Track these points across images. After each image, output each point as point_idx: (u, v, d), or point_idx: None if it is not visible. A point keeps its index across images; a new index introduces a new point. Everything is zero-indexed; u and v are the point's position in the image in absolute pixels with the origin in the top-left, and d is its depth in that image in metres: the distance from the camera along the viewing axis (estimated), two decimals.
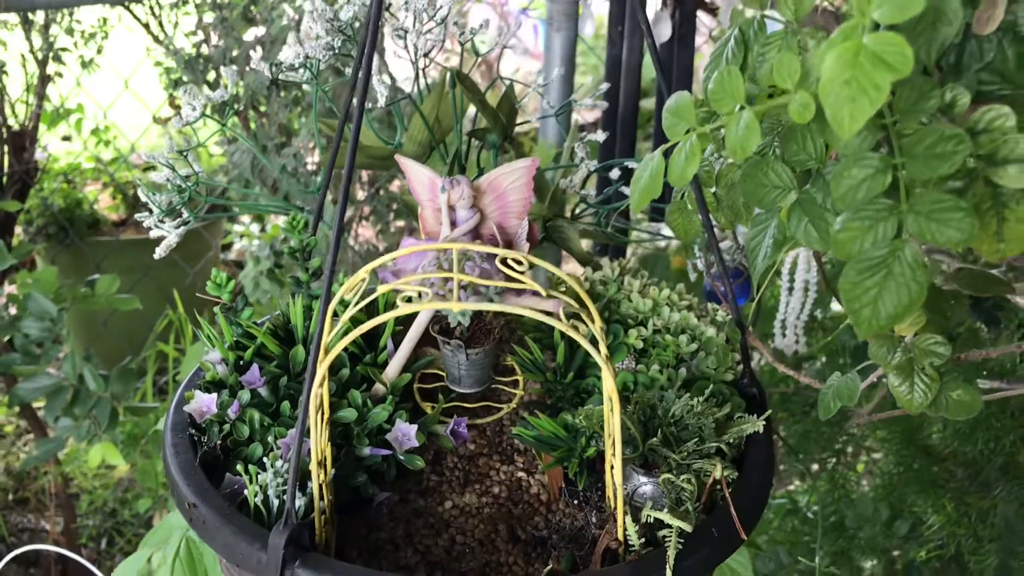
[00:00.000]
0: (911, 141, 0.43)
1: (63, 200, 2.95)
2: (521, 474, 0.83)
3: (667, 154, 0.52)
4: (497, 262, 0.64)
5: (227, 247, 3.50)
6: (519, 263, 0.64)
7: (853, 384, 0.63)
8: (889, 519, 1.64)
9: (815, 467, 1.75)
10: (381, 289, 0.63)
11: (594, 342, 0.64)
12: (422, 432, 0.78)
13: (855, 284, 0.44)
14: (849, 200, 0.44)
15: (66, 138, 3.27)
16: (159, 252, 0.97)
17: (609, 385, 0.62)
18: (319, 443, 0.68)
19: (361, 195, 2.43)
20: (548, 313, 0.79)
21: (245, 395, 0.78)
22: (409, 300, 0.63)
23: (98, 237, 2.94)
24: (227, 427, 0.77)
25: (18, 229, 2.73)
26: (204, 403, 0.76)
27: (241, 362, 0.82)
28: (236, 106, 2.52)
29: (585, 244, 1.17)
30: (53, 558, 2.53)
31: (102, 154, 3.19)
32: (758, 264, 0.53)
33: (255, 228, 3.17)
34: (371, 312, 0.86)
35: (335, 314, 0.65)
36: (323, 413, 0.70)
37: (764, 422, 0.75)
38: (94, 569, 1.91)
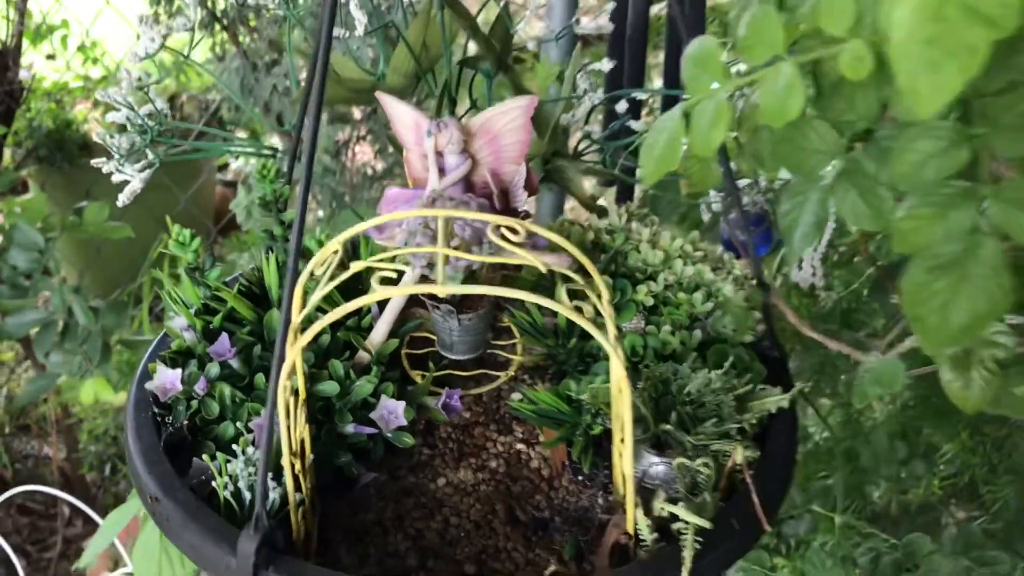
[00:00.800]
0: (996, 107, 0.34)
1: (52, 121, 2.85)
2: (520, 446, 0.76)
3: (688, 114, 0.43)
4: (489, 231, 0.55)
5: (223, 167, 3.40)
6: (514, 232, 0.56)
7: (894, 369, 0.56)
8: (907, 457, 1.58)
9: (826, 401, 1.69)
10: (355, 267, 0.55)
11: (600, 325, 0.55)
12: (411, 407, 0.71)
13: (921, 286, 0.35)
14: (913, 180, 0.36)
15: (50, 56, 3.14)
16: (123, 199, 0.88)
17: (618, 373, 0.54)
18: (294, 431, 0.61)
19: (358, 114, 2.32)
20: (550, 297, 0.71)
21: (214, 368, 0.71)
22: (389, 281, 0.55)
23: (90, 159, 2.84)
24: (195, 404, 0.70)
25: (7, 152, 2.64)
26: (167, 379, 0.69)
27: (210, 327, 0.74)
28: (224, 21, 2.39)
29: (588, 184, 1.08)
30: (58, 484, 2.51)
31: (90, 72, 3.07)
32: (795, 242, 0.45)
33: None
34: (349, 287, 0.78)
35: (305, 291, 0.57)
36: (298, 396, 0.62)
37: (790, 397, 0.68)
38: (90, 511, 1.87)
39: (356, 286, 0.81)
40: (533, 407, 0.71)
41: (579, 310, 0.54)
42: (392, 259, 0.56)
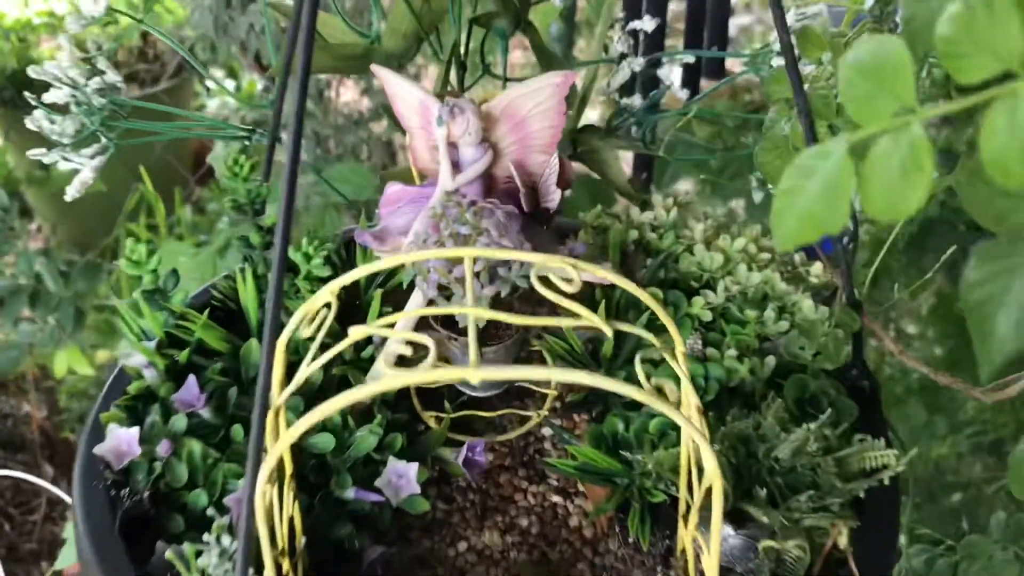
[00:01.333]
0: None
1: (16, 60, 2.66)
2: (556, 498, 0.63)
3: (859, 154, 0.29)
4: (533, 278, 0.41)
5: (201, 108, 3.21)
6: (568, 280, 0.42)
7: None
8: (927, 421, 1.48)
9: None
10: (356, 333, 0.41)
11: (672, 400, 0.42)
12: (425, 465, 0.57)
13: None
14: None
15: None
16: (71, 192, 0.74)
17: (711, 468, 0.40)
18: (281, 522, 0.47)
19: None
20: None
21: (180, 421, 0.57)
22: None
23: None
24: (159, 466, 0.56)
25: None
26: (123, 441, 0.55)
27: (176, 364, 0.61)
28: None
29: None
30: (39, 443, 2.39)
31: (54, 7, 2.87)
32: (999, 333, 0.31)
33: (230, 84, 2.89)
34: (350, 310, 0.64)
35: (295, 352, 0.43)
36: (283, 471, 0.49)
37: (895, 454, 0.54)
38: (60, 492, 1.75)
39: (354, 302, 0.68)
40: (574, 463, 0.58)
41: (660, 392, 0.41)
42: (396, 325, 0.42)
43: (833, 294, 0.69)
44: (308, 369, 0.40)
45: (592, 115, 1.22)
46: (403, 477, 0.56)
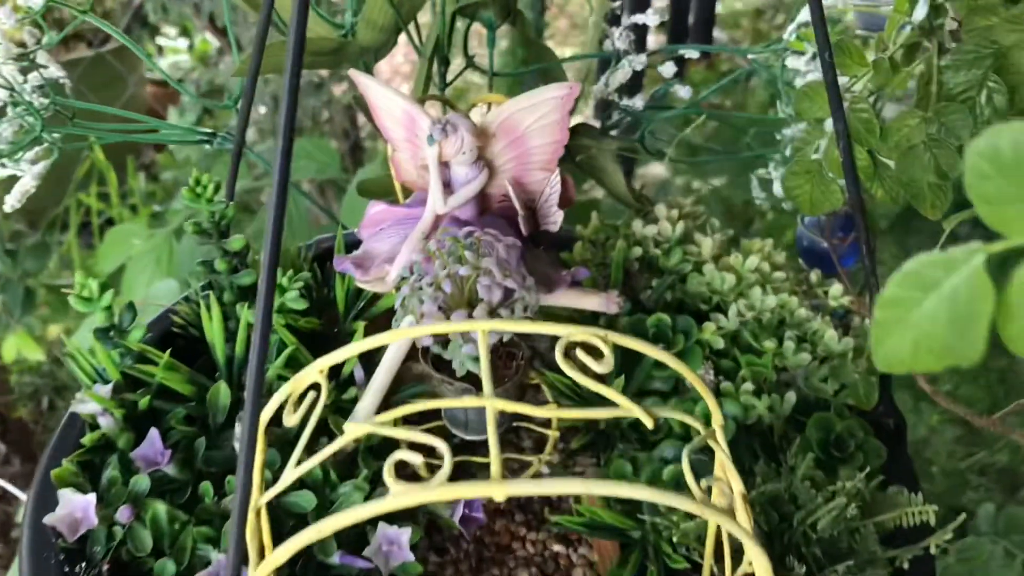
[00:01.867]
0: None
1: None
2: (558, 547, 0.58)
3: (1001, 269, 0.23)
4: (558, 355, 0.35)
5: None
6: (598, 355, 0.36)
7: None
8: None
9: None
10: (353, 432, 0.35)
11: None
12: (418, 526, 0.52)
13: None
14: None
15: None
16: (10, 203, 0.66)
17: (761, 565, 0.35)
18: None
19: None
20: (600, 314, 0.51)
21: (142, 482, 0.51)
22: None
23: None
24: (119, 532, 0.50)
25: None
26: (76, 508, 0.49)
27: (136, 406, 0.54)
28: None
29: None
30: None
31: None
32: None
33: (182, 43, 2.77)
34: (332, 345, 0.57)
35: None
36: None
37: (934, 509, 0.50)
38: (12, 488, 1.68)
39: (331, 330, 0.61)
40: (580, 520, 0.53)
41: (710, 501, 0.35)
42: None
43: (847, 313, 0.64)
44: (296, 472, 0.34)
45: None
46: (394, 543, 0.50)
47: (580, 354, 0.36)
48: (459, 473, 0.59)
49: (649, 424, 0.35)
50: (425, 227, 0.55)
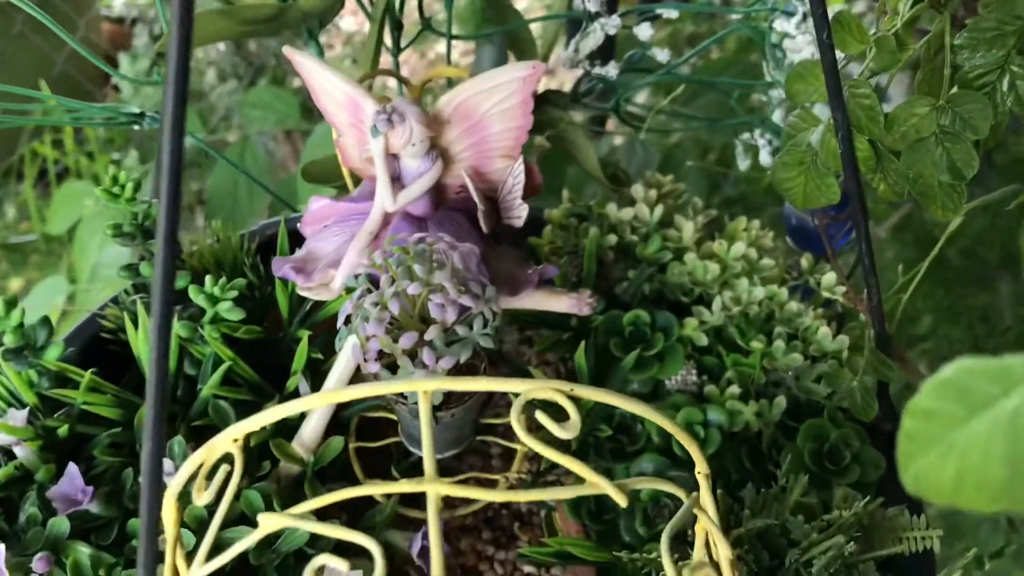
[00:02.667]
0: None
1: None
2: (529, 569, 0.53)
3: None
4: (515, 426, 0.30)
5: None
6: (563, 420, 0.30)
7: None
8: None
9: None
10: (267, 524, 0.29)
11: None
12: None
13: None
14: None
15: None
16: None
17: None
18: None
19: None
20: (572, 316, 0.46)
21: (61, 525, 0.45)
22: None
23: None
24: None
25: None
26: None
27: (55, 433, 0.49)
28: None
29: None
30: None
31: None
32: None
33: None
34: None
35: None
36: None
37: (938, 535, 0.45)
38: None
39: (276, 335, 0.56)
40: (548, 551, 0.48)
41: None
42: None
43: (841, 315, 0.59)
44: (204, 571, 0.29)
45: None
46: None
47: (542, 416, 0.31)
48: (416, 497, 0.54)
49: (622, 503, 0.30)
50: (373, 226, 0.49)
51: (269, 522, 0.28)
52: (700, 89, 0.88)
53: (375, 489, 0.29)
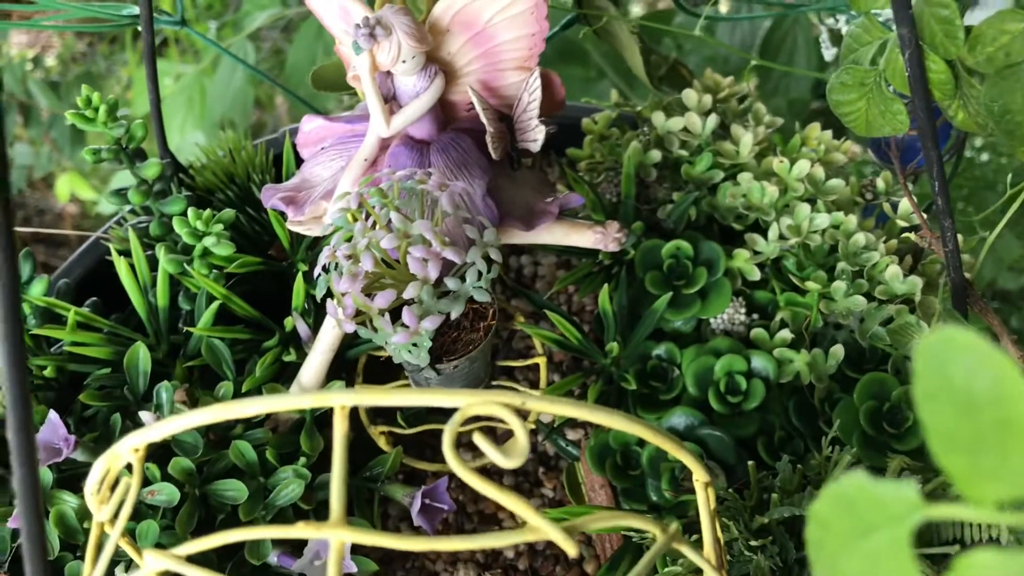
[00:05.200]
0: None
1: None
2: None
3: None
4: (447, 454, 0.24)
5: None
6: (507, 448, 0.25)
7: None
8: None
9: None
10: (151, 568, 0.25)
11: None
12: (370, 514, 0.43)
13: None
14: None
15: None
16: None
17: None
18: None
19: None
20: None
21: (43, 476, 0.43)
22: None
23: None
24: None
25: None
26: None
27: (44, 375, 0.46)
28: None
29: None
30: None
31: None
32: None
33: None
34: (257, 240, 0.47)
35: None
36: None
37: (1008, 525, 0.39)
38: None
39: (281, 263, 0.52)
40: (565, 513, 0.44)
41: None
42: None
43: (918, 251, 0.50)
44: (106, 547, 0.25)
45: None
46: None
47: (480, 441, 0.26)
48: (421, 447, 0.51)
49: (571, 552, 0.24)
50: (367, 153, 0.43)
51: (155, 563, 0.24)
52: None
53: (267, 531, 0.25)
